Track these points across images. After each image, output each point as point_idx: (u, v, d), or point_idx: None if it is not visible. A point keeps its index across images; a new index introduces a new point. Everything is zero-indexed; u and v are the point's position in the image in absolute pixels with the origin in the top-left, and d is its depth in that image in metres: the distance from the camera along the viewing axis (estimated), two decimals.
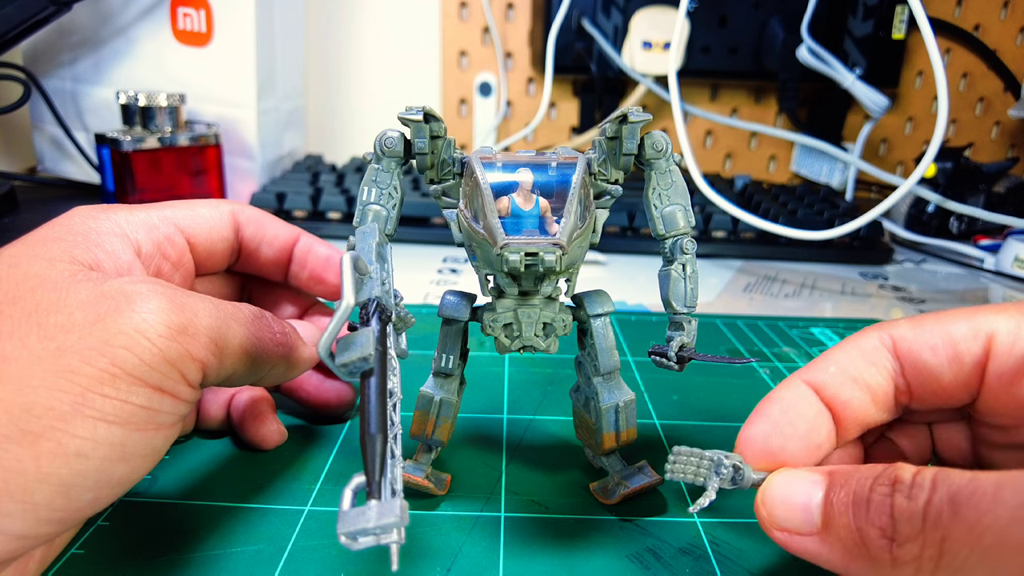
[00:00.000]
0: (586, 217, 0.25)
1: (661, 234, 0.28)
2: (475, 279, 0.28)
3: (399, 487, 0.19)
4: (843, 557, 0.19)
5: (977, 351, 0.22)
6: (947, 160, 0.71)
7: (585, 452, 0.32)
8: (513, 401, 0.38)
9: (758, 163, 0.93)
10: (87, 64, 0.73)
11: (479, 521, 0.28)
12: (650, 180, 0.28)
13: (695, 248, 0.28)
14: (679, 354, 0.27)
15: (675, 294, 0.27)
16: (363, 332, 0.21)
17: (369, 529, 0.18)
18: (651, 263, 0.65)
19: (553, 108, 0.90)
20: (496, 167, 0.25)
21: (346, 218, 0.68)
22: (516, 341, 0.27)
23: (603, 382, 0.29)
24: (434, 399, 0.29)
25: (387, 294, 0.24)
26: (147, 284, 0.23)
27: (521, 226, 0.24)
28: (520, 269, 0.23)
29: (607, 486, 0.30)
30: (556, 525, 0.28)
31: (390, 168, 0.28)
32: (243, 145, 0.73)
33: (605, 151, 0.28)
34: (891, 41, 0.80)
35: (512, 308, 0.26)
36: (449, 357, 0.29)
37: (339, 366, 0.20)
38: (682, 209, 0.28)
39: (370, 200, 0.28)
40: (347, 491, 0.19)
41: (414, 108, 0.26)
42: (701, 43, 0.80)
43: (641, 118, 0.26)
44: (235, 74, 0.71)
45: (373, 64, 0.90)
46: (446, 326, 0.29)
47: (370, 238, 0.25)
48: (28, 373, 0.19)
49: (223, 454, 0.32)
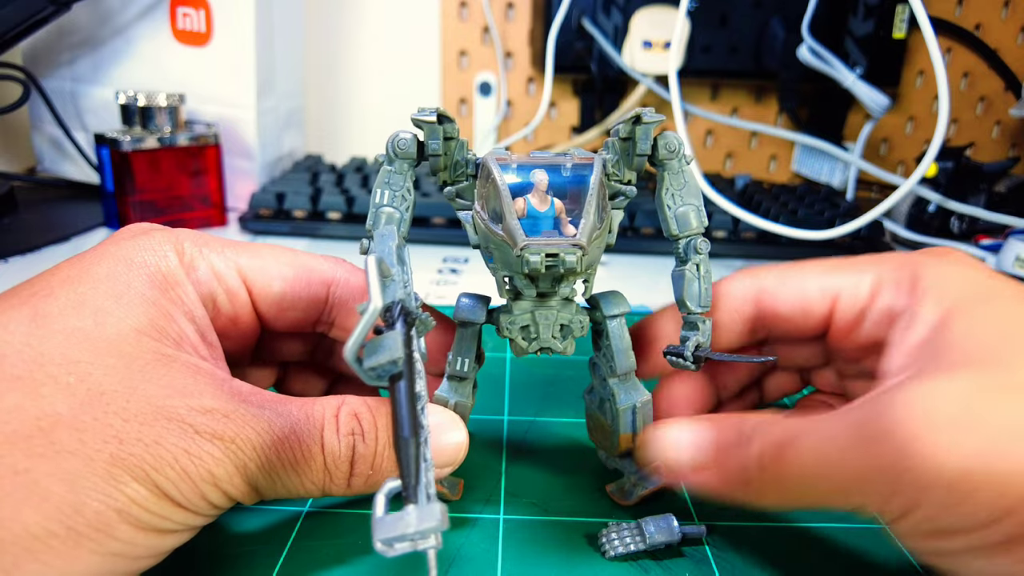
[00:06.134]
0: (603, 218, 0.25)
1: (674, 234, 0.28)
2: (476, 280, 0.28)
3: (433, 491, 0.19)
4: (721, 485, 0.24)
5: (823, 308, 0.28)
6: (948, 160, 0.71)
7: (598, 454, 0.32)
8: (513, 402, 0.38)
9: (759, 163, 0.93)
10: (86, 64, 0.72)
11: (478, 523, 0.28)
12: (663, 180, 0.28)
13: (708, 248, 0.28)
14: (695, 354, 0.27)
15: (690, 294, 0.27)
16: (390, 335, 0.20)
17: (408, 535, 0.18)
18: (653, 263, 0.65)
19: (553, 108, 0.90)
20: (511, 168, 0.25)
21: (346, 218, 0.68)
22: (534, 343, 0.27)
23: (619, 383, 0.29)
24: (448, 403, 0.29)
25: (409, 296, 0.23)
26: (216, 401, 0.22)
27: (539, 227, 0.24)
28: (541, 270, 0.23)
29: (624, 487, 0.30)
30: (556, 528, 0.28)
31: (403, 170, 0.28)
32: (242, 145, 0.73)
33: (618, 152, 0.28)
34: (892, 40, 0.80)
35: (530, 310, 0.27)
36: (464, 360, 0.28)
37: (367, 370, 0.20)
38: (695, 209, 0.28)
39: (383, 203, 0.27)
40: (380, 496, 0.19)
41: (427, 109, 0.26)
42: (701, 42, 0.80)
43: (655, 119, 0.26)
44: (235, 74, 0.70)
45: (373, 64, 0.90)
46: (461, 328, 0.28)
47: (389, 240, 0.24)
48: (82, 472, 0.20)
49: None
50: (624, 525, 0.27)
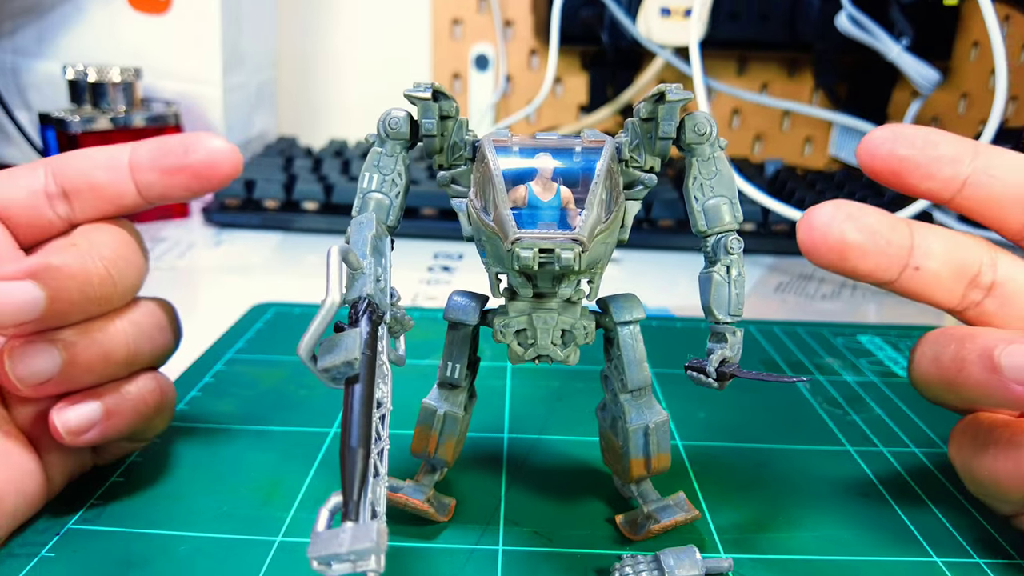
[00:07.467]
0: (612, 209, 0.25)
1: (702, 230, 0.28)
2: (471, 279, 0.28)
3: (381, 508, 0.19)
4: None
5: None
6: (1006, 142, 0.70)
7: (614, 481, 0.32)
8: (515, 418, 0.38)
9: (791, 146, 0.93)
10: (29, 34, 0.72)
11: (474, 555, 0.28)
12: (691, 168, 0.28)
13: (742, 247, 0.27)
14: (719, 370, 0.26)
15: (717, 300, 0.27)
16: (349, 334, 0.21)
17: (342, 554, 0.18)
18: (671, 259, 0.65)
19: (559, 84, 0.90)
20: (512, 152, 0.25)
21: (324, 209, 0.68)
22: (530, 350, 0.27)
23: (631, 400, 0.28)
24: (437, 413, 0.29)
25: (382, 292, 0.24)
26: None
27: (538, 218, 0.24)
28: (533, 267, 0.22)
29: (635, 520, 0.29)
30: (562, 560, 0.28)
31: (394, 152, 0.28)
32: (207, 126, 0.73)
33: (639, 134, 0.27)
34: (942, 8, 0.80)
35: (526, 312, 0.26)
36: (456, 366, 0.28)
37: (321, 371, 0.20)
38: (728, 203, 0.27)
39: (371, 188, 0.27)
40: (323, 510, 0.19)
41: (422, 85, 0.26)
42: (727, 9, 0.80)
43: (680, 96, 0.26)
44: (197, 46, 0.70)
45: (354, 35, 0.90)
46: (452, 331, 0.28)
47: (366, 229, 0.25)
48: None
49: (182, 476, 0.32)
50: (640, 558, 0.27)
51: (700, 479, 0.33)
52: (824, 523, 0.31)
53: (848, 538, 0.30)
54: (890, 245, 0.27)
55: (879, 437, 0.37)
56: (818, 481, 0.33)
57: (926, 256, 0.28)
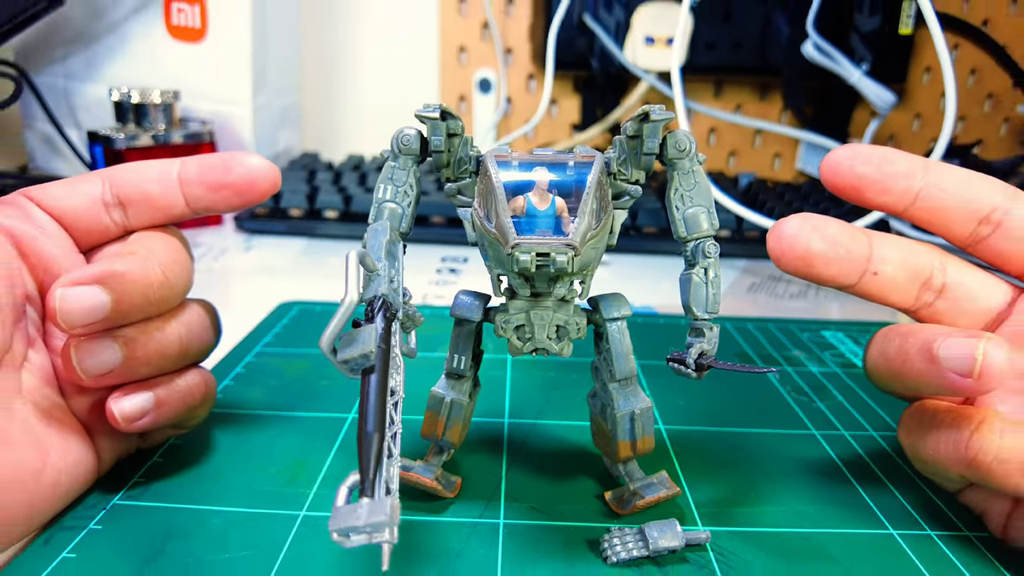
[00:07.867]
0: (602, 217, 0.25)
1: (683, 236, 0.28)
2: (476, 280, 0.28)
3: (394, 486, 0.20)
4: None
5: None
6: (955, 157, 0.71)
7: (604, 461, 0.32)
8: (515, 405, 0.38)
9: (763, 161, 0.93)
10: (79, 60, 0.72)
11: (477, 527, 0.28)
12: (672, 181, 0.28)
13: (718, 251, 0.27)
14: (698, 362, 0.27)
15: (696, 299, 0.27)
16: (366, 329, 0.21)
17: (359, 527, 0.18)
18: (655, 263, 0.65)
19: (554, 105, 0.90)
20: (512, 166, 0.25)
21: (343, 217, 0.68)
22: (528, 343, 0.27)
23: (619, 388, 0.28)
24: (444, 399, 0.29)
25: (395, 292, 0.24)
26: None
27: (535, 226, 0.24)
28: (531, 270, 0.23)
29: (622, 496, 0.29)
30: (557, 532, 0.28)
31: (406, 166, 0.28)
32: (238, 142, 0.73)
33: (626, 150, 0.27)
34: (898, 36, 0.80)
35: (524, 310, 0.27)
36: (461, 358, 0.29)
37: (340, 362, 0.20)
38: (705, 211, 0.28)
39: (386, 198, 0.28)
40: (342, 487, 0.19)
41: (431, 105, 0.26)
42: (705, 39, 0.80)
43: (663, 116, 0.26)
44: (230, 70, 0.70)
45: (370, 60, 0.89)
46: (458, 327, 0.29)
47: (381, 235, 0.25)
48: None
49: (216, 457, 0.32)
50: (627, 530, 0.27)
51: (681, 460, 0.33)
52: (792, 499, 0.31)
53: (813, 512, 0.30)
54: (850, 253, 0.28)
55: (841, 422, 0.37)
56: (786, 461, 0.33)
57: (883, 262, 0.28)
